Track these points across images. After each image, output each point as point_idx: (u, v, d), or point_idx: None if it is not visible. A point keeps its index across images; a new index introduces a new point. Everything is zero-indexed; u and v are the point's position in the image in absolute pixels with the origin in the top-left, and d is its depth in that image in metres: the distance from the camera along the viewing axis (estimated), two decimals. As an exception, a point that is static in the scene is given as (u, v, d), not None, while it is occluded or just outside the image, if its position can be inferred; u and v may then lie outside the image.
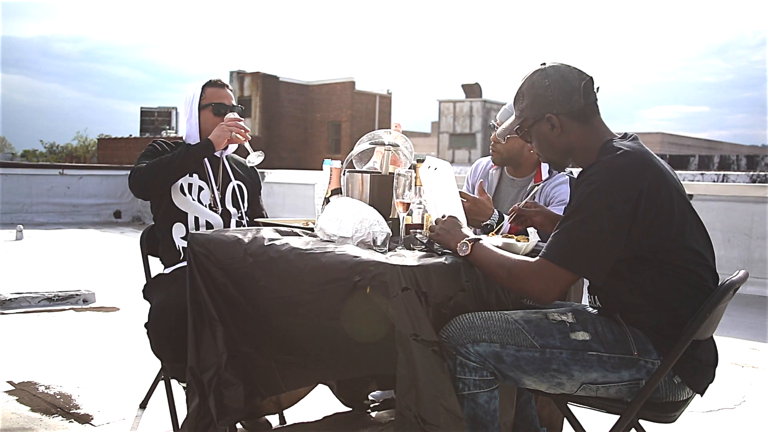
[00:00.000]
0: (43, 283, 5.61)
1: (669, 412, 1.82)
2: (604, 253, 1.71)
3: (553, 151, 1.93)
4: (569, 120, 1.86)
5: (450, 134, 42.40)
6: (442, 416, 1.69)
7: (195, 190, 2.69)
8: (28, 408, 2.92)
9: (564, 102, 1.85)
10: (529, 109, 1.90)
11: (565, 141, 1.89)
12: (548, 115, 1.87)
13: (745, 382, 3.75)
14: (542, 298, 1.75)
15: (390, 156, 2.47)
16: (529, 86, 1.90)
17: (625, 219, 1.69)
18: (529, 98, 1.90)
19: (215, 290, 2.08)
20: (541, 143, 1.93)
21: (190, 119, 2.76)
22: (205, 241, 2.14)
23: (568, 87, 1.85)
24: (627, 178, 1.70)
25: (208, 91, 2.77)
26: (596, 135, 1.87)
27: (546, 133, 1.90)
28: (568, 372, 1.76)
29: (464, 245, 1.86)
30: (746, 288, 5.03)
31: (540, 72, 1.89)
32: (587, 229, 1.70)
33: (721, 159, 25.54)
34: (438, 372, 1.73)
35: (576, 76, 1.86)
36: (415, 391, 1.70)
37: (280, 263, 1.95)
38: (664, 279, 1.76)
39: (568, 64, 1.89)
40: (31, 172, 12.48)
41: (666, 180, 1.75)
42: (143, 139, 31.45)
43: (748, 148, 50.59)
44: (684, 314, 1.75)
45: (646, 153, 1.79)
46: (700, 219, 1.83)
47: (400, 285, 1.72)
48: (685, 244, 1.75)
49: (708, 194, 7.16)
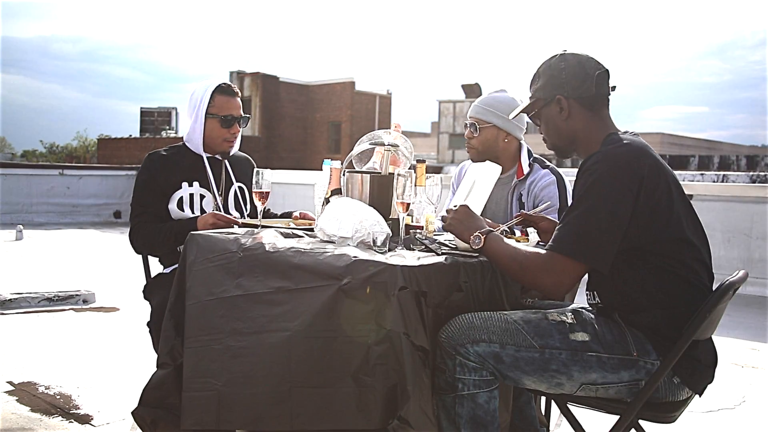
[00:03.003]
0: (43, 283, 5.61)
1: (669, 413, 1.82)
2: (609, 241, 1.72)
3: (558, 136, 1.95)
4: (578, 105, 1.90)
5: (450, 134, 42.38)
6: (419, 419, 1.71)
7: (196, 200, 2.65)
8: (28, 408, 2.92)
9: (576, 86, 1.88)
10: (542, 89, 1.94)
11: (571, 126, 1.91)
12: (558, 96, 1.90)
13: (745, 382, 3.75)
14: (554, 292, 1.76)
15: (390, 156, 2.47)
16: (545, 68, 1.94)
17: (626, 207, 1.70)
18: (543, 79, 1.94)
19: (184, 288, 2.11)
20: (549, 126, 1.96)
21: (195, 124, 2.67)
22: (201, 239, 2.14)
23: (582, 73, 1.88)
24: (627, 168, 1.72)
25: (218, 99, 2.66)
26: (601, 126, 1.89)
27: (554, 115, 1.93)
28: (568, 372, 1.76)
29: (477, 237, 1.86)
30: (746, 288, 5.02)
31: (559, 56, 1.93)
32: (592, 219, 1.71)
33: (721, 159, 25.55)
34: (422, 375, 1.74)
35: (593, 65, 1.90)
36: (402, 387, 1.70)
37: (275, 259, 1.93)
38: (661, 274, 1.77)
39: (588, 54, 1.93)
40: (31, 173, 12.49)
41: (664, 171, 1.78)
42: (143, 139, 31.47)
43: (748, 148, 50.62)
44: (681, 313, 1.75)
45: (645, 146, 1.81)
46: (696, 214, 1.84)
47: (398, 284, 1.71)
48: (682, 236, 1.76)
49: (708, 194, 7.16)
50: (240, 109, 2.72)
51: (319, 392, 1.77)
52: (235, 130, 2.71)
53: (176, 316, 2.14)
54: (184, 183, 2.65)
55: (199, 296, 2.06)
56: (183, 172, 2.66)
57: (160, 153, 2.71)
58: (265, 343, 1.86)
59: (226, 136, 2.69)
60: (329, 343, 1.77)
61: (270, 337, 1.85)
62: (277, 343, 1.83)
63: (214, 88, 2.66)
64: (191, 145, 2.71)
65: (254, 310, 1.91)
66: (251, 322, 1.90)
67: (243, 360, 1.89)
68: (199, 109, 2.65)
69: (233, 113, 2.69)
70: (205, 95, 2.65)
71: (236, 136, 2.73)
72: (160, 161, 2.66)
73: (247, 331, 1.90)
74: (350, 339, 1.75)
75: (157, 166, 2.64)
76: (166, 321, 2.15)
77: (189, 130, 2.70)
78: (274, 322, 1.86)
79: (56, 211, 12.12)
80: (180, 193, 2.63)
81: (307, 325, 1.79)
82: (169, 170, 2.64)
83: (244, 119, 2.73)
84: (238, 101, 2.73)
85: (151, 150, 2.79)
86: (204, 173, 2.69)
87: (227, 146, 2.72)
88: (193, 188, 2.65)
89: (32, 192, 11.94)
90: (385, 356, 1.70)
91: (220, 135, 2.68)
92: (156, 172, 2.62)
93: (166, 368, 2.11)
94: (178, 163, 2.67)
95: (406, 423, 1.69)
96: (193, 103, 2.68)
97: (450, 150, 40.91)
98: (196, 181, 2.66)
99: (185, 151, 2.72)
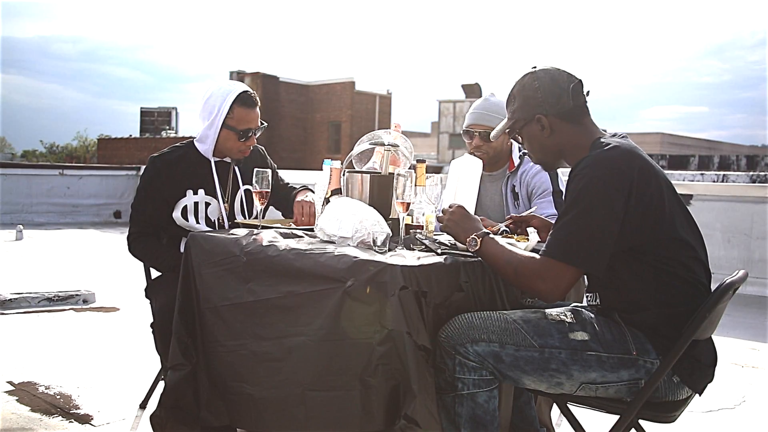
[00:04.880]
0: (43, 283, 5.61)
1: (669, 412, 1.82)
2: (603, 244, 1.72)
3: (544, 152, 1.97)
4: (559, 121, 1.90)
5: (450, 134, 42.38)
6: (425, 418, 1.71)
7: (201, 208, 2.59)
8: (28, 408, 2.92)
9: (553, 103, 1.89)
10: (520, 110, 1.95)
11: (555, 141, 1.92)
12: (538, 116, 1.91)
13: (745, 382, 3.75)
14: (549, 297, 1.76)
15: (390, 156, 2.47)
16: (519, 89, 1.95)
17: (619, 209, 1.71)
18: (519, 100, 1.95)
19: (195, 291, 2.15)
20: (533, 144, 1.97)
21: (209, 130, 2.56)
22: (202, 240, 2.14)
23: (557, 89, 1.89)
24: (617, 169, 1.72)
25: (237, 112, 2.53)
26: (586, 134, 1.90)
27: (536, 134, 1.94)
28: (567, 372, 1.76)
29: (473, 240, 1.87)
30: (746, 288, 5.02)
31: (530, 75, 1.94)
32: (585, 223, 1.72)
33: (721, 159, 25.52)
34: (425, 374, 1.74)
35: (565, 78, 1.90)
36: (407, 386, 1.70)
37: (278, 262, 1.95)
38: (659, 274, 1.77)
39: (558, 67, 1.93)
40: (30, 173, 12.48)
41: (654, 172, 1.78)
42: (143, 139, 31.43)
43: (748, 148, 50.60)
44: (681, 312, 1.76)
45: (634, 147, 1.82)
46: (690, 213, 1.85)
47: (399, 284, 1.72)
48: (676, 235, 1.77)
49: (708, 194, 7.16)
50: (258, 118, 2.63)
51: (329, 395, 1.80)
52: (251, 142, 2.64)
53: (187, 318, 2.15)
54: (189, 191, 2.59)
55: (213, 301, 2.09)
56: (188, 179, 2.58)
57: (165, 158, 2.60)
58: (284, 347, 1.90)
59: (242, 148, 2.62)
60: (339, 346, 1.79)
61: (289, 342, 1.89)
62: (295, 348, 1.88)
63: (235, 98, 2.53)
64: (201, 148, 2.63)
65: (270, 316, 1.95)
66: (271, 328, 1.94)
67: (268, 365, 1.94)
68: (217, 118, 2.54)
69: (251, 126, 2.59)
70: (224, 105, 2.53)
71: (251, 147, 2.67)
72: (164, 169, 2.57)
73: (269, 337, 1.94)
74: (356, 341, 1.76)
75: (161, 174, 2.56)
76: (177, 323, 2.16)
77: (202, 133, 2.59)
78: (291, 326, 1.90)
79: (56, 211, 12.12)
80: (185, 201, 2.57)
81: (320, 330, 1.82)
82: (173, 178, 2.56)
83: (261, 128, 2.65)
84: (258, 111, 2.62)
85: (153, 150, 2.76)
86: (210, 179, 2.62)
87: (240, 156, 2.66)
88: (198, 196, 2.59)
89: (32, 192, 11.94)
90: (387, 356, 1.71)
91: (235, 147, 2.60)
92: (159, 180, 2.55)
93: (182, 369, 2.13)
94: (183, 169, 2.58)
95: (414, 422, 1.69)
96: (210, 108, 2.55)
97: (450, 150, 40.89)
98: (201, 189, 2.60)
99: (192, 152, 2.63)
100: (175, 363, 2.15)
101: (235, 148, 2.61)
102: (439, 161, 37.22)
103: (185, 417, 2.12)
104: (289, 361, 1.89)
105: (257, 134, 2.66)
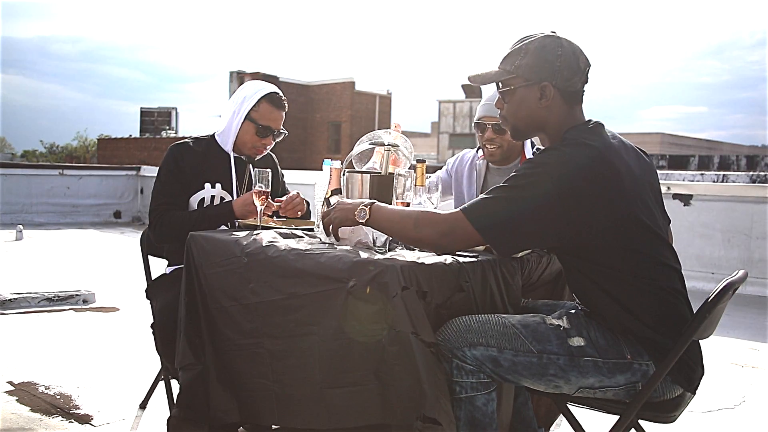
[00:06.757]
0: (43, 284, 5.61)
1: (668, 412, 1.82)
2: (517, 230, 1.71)
3: (527, 120, 1.87)
4: (560, 97, 1.83)
5: (450, 134, 42.41)
6: (442, 417, 1.69)
7: (217, 203, 2.61)
8: (28, 408, 2.92)
9: (567, 78, 1.81)
10: (528, 69, 1.82)
11: (545, 114, 1.85)
12: (545, 83, 1.82)
13: (745, 382, 3.75)
14: (439, 241, 1.76)
15: (390, 156, 2.46)
16: (539, 47, 1.81)
17: (548, 207, 1.67)
18: (533, 58, 1.81)
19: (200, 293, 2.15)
20: (520, 107, 1.86)
21: (232, 121, 2.61)
22: (203, 240, 2.14)
23: (575, 65, 1.82)
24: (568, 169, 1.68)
25: (263, 107, 2.59)
26: (571, 121, 1.85)
27: (532, 99, 1.84)
28: (566, 377, 1.75)
29: (362, 211, 1.86)
30: (746, 288, 5.03)
31: (555, 39, 1.81)
32: (510, 201, 1.70)
33: (721, 159, 25.52)
34: (436, 371, 1.72)
35: (584, 59, 1.84)
36: (418, 386, 1.69)
37: (278, 263, 1.95)
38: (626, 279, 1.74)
39: (578, 45, 1.85)
40: (30, 173, 12.47)
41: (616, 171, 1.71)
42: (143, 139, 31.42)
43: (748, 148, 50.61)
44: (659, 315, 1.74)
45: (605, 149, 1.74)
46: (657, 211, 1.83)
47: (400, 284, 1.71)
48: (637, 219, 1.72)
49: (708, 194, 7.16)
50: (281, 122, 2.65)
51: (348, 391, 1.81)
52: (268, 142, 2.66)
53: (194, 318, 2.14)
54: (207, 184, 2.61)
55: (221, 301, 2.10)
56: (207, 171, 2.62)
57: (188, 145, 2.63)
58: (297, 346, 1.91)
59: (257, 144, 2.64)
60: (350, 345, 1.79)
61: (301, 341, 1.90)
62: (307, 346, 1.88)
63: (264, 94, 2.60)
64: (221, 140, 2.67)
65: (277, 316, 1.95)
66: (281, 328, 1.95)
67: (284, 362, 1.95)
68: (241, 109, 2.59)
69: (272, 125, 2.62)
70: (253, 97, 2.59)
71: (267, 147, 2.69)
72: (187, 153, 2.59)
73: (282, 335, 1.95)
74: (366, 340, 1.77)
75: (185, 158, 2.59)
76: (186, 323, 2.15)
77: (225, 125, 2.64)
78: (300, 326, 1.90)
79: (56, 211, 12.11)
80: (202, 194, 2.60)
81: (328, 329, 1.82)
82: (195, 165, 2.59)
83: (280, 133, 2.67)
84: (282, 115, 2.65)
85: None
86: (228, 175, 2.65)
87: (254, 153, 2.68)
88: (215, 190, 2.62)
89: (32, 192, 11.94)
90: (399, 357, 1.71)
91: (251, 141, 2.63)
92: (183, 163, 2.57)
93: (194, 369, 2.13)
94: (204, 160, 2.61)
95: (431, 422, 1.68)
96: (238, 100, 2.62)
97: (450, 150, 40.90)
98: (219, 183, 2.63)
99: (213, 146, 2.67)
100: (186, 363, 2.14)
101: (250, 143, 2.64)
102: (439, 161, 37.22)
103: (195, 416, 2.12)
104: (303, 360, 1.90)
105: (276, 138, 2.68)
